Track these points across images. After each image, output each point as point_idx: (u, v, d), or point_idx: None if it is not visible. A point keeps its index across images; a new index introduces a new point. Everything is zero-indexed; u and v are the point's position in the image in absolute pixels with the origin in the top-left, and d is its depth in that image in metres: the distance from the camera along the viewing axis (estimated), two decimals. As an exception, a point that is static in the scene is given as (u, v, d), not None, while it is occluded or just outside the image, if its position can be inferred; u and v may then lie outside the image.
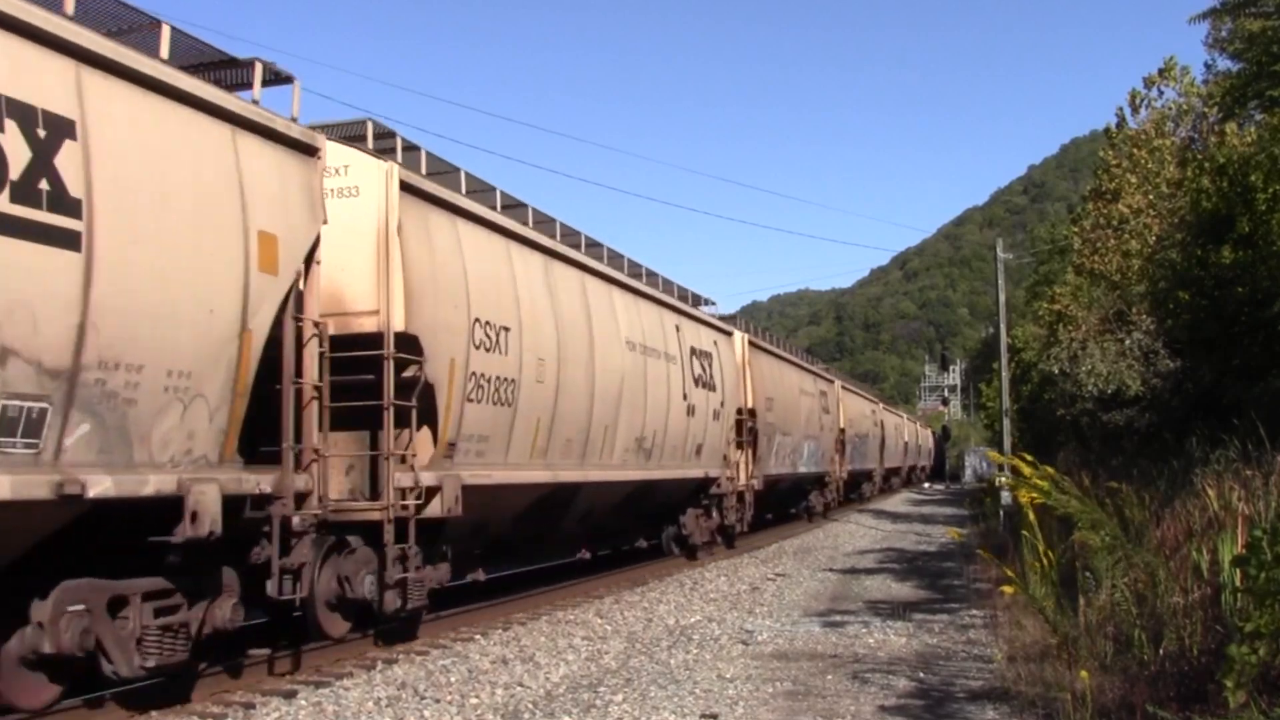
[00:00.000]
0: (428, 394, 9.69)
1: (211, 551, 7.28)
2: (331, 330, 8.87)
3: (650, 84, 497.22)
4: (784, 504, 28.11)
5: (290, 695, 7.88)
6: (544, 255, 12.51)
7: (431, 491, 9.72)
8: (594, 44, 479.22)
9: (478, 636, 10.59)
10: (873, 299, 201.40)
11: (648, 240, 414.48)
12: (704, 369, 17.95)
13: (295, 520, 7.91)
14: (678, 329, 16.89)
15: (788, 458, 24.95)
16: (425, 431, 9.84)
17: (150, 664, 6.93)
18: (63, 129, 6.07)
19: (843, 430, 33.43)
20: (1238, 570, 5.94)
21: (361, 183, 9.58)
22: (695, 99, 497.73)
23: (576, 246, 14.03)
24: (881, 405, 49.62)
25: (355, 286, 9.45)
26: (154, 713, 7.35)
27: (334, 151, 9.36)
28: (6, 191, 5.69)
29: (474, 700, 7.74)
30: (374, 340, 9.35)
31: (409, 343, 9.47)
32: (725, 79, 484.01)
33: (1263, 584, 5.05)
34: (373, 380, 9.29)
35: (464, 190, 11.28)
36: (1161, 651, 6.78)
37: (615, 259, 15.48)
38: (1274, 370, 15.16)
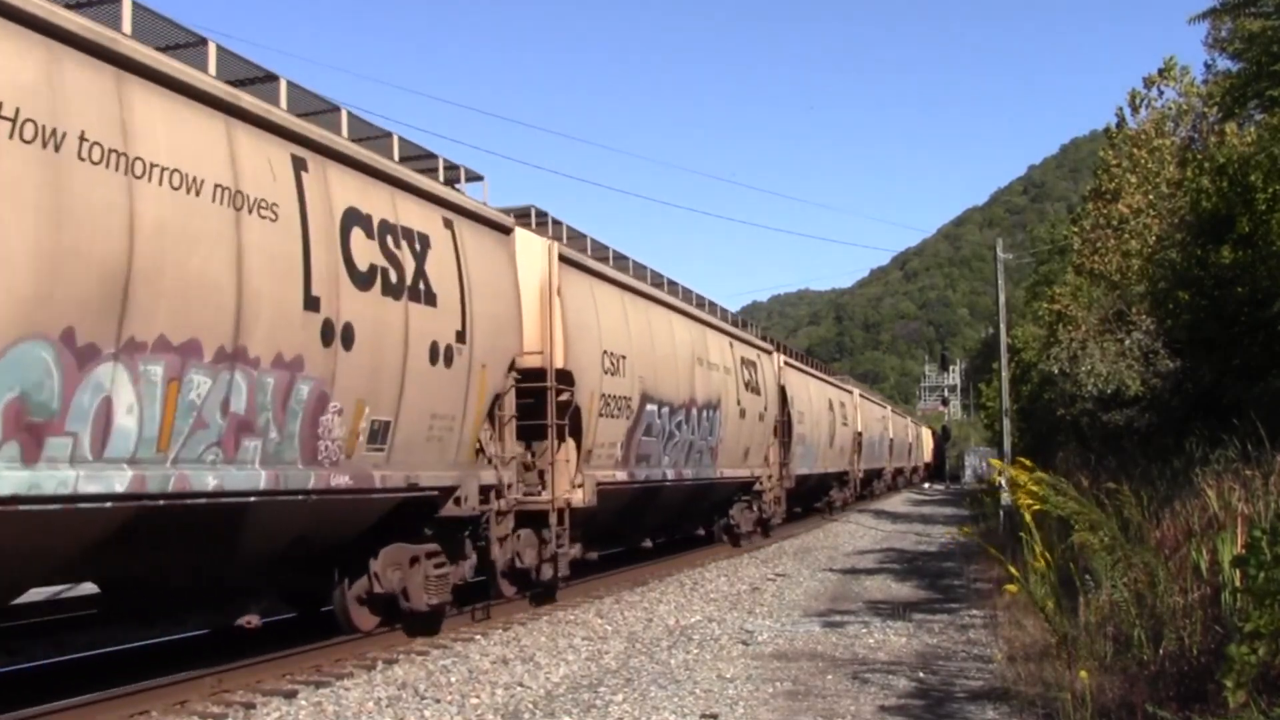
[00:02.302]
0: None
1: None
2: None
3: (650, 84, 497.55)
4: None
5: (290, 695, 7.89)
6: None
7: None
8: (594, 43, 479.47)
9: (478, 636, 10.60)
10: (873, 299, 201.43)
11: (648, 240, 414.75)
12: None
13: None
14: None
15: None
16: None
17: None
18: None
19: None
20: (1237, 570, 5.94)
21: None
22: (695, 99, 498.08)
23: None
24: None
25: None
26: (154, 713, 7.36)
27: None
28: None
29: (474, 700, 7.75)
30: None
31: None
32: (725, 79, 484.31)
33: (1262, 584, 5.05)
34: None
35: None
36: (1161, 651, 6.78)
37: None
38: (1274, 370, 15.15)
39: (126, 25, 7.05)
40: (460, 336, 9.99)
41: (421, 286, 9.35)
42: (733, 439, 19.33)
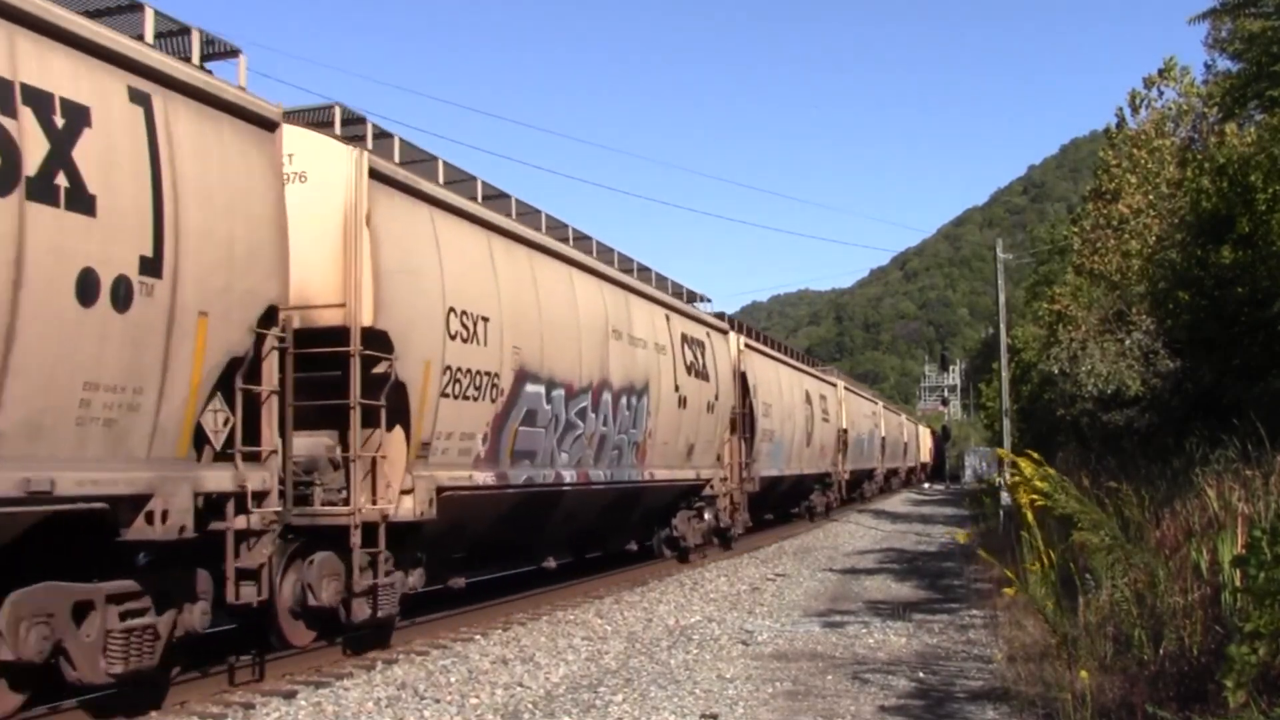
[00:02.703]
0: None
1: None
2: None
3: (650, 84, 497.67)
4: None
5: (290, 695, 7.88)
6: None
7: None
8: (594, 43, 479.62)
9: (478, 636, 10.59)
10: (873, 299, 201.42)
11: (648, 240, 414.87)
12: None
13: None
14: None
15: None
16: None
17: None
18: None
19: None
20: (1237, 570, 5.94)
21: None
22: (695, 99, 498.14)
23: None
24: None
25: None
26: (154, 713, 7.36)
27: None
28: None
29: (474, 700, 7.74)
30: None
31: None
32: (725, 79, 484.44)
33: (1262, 584, 5.05)
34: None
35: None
36: (1161, 651, 6.78)
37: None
38: (1274, 370, 15.15)
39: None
40: (150, 266, 6.68)
41: (62, 182, 6.11)
42: (669, 433, 16.04)
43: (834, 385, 33.32)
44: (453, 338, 10.09)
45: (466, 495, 10.47)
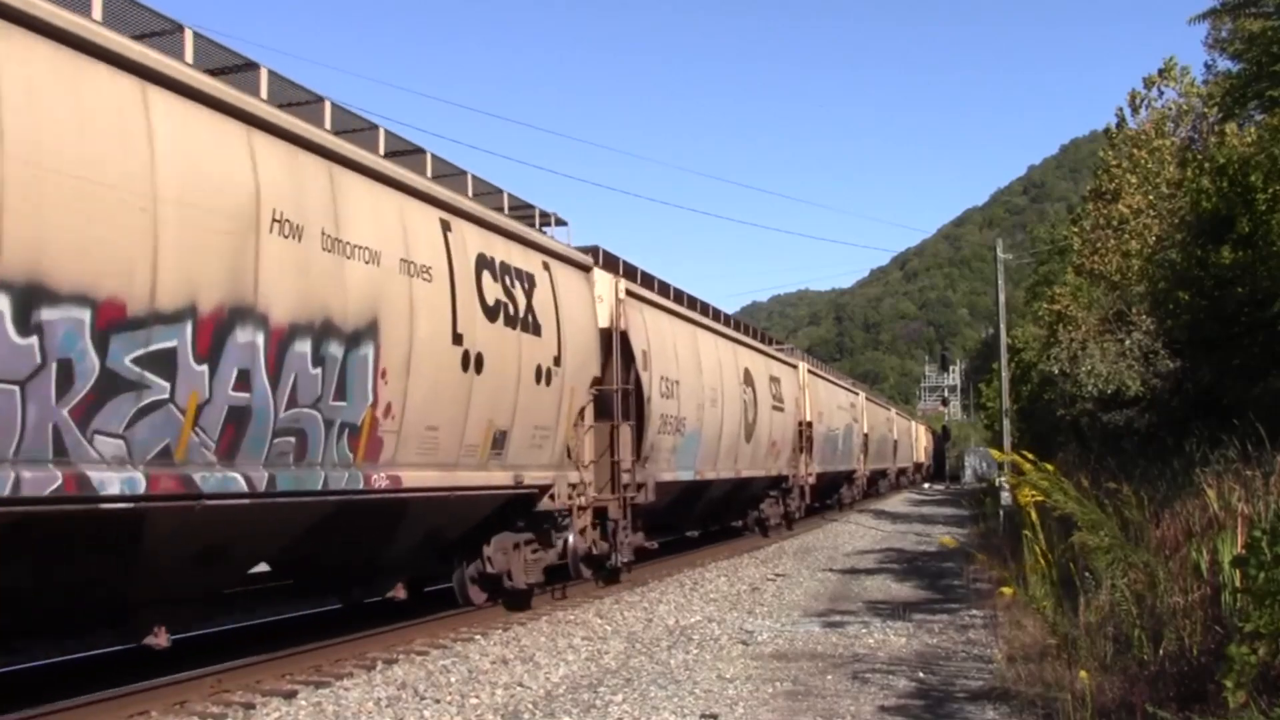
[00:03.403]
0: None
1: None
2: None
3: (650, 83, 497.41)
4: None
5: (290, 695, 7.88)
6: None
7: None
8: (593, 43, 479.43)
9: (478, 637, 10.59)
10: (873, 299, 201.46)
11: (648, 240, 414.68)
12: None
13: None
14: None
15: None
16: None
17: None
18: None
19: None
20: (1237, 570, 5.93)
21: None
22: (695, 99, 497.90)
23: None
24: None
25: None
26: (154, 713, 7.36)
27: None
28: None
29: (474, 700, 7.74)
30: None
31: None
32: (725, 79, 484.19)
33: (1262, 584, 5.05)
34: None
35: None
36: (1161, 651, 6.77)
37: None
38: (1274, 370, 15.13)
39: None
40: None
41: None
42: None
43: (793, 367, 26.68)
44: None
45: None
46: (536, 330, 11.54)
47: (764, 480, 23.20)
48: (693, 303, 19.39)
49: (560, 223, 13.83)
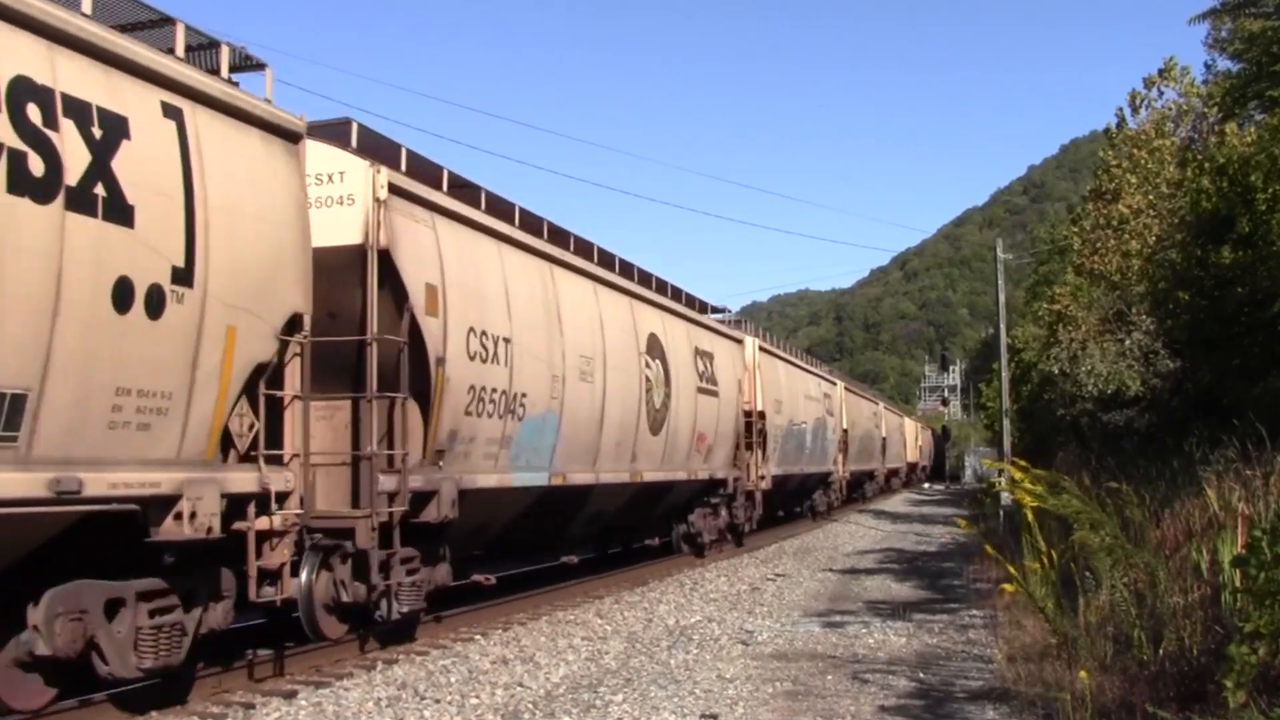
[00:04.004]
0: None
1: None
2: None
3: (650, 83, 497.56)
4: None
5: (290, 695, 7.88)
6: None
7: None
8: (593, 43, 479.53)
9: (478, 637, 10.59)
10: (873, 299, 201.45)
11: (648, 240, 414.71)
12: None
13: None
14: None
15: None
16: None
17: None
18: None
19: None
20: (1237, 570, 5.94)
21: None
22: (695, 98, 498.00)
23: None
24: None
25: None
26: (154, 713, 7.36)
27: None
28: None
29: (474, 700, 7.74)
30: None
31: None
32: (725, 79, 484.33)
33: (1263, 584, 5.05)
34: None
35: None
36: (1161, 651, 6.78)
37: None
38: (1274, 370, 15.14)
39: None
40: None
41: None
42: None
43: (737, 341, 27.78)
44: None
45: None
46: (113, 213, 6.36)
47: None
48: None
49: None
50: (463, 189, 11.26)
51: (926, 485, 66.39)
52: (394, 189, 9.53)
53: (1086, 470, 14.07)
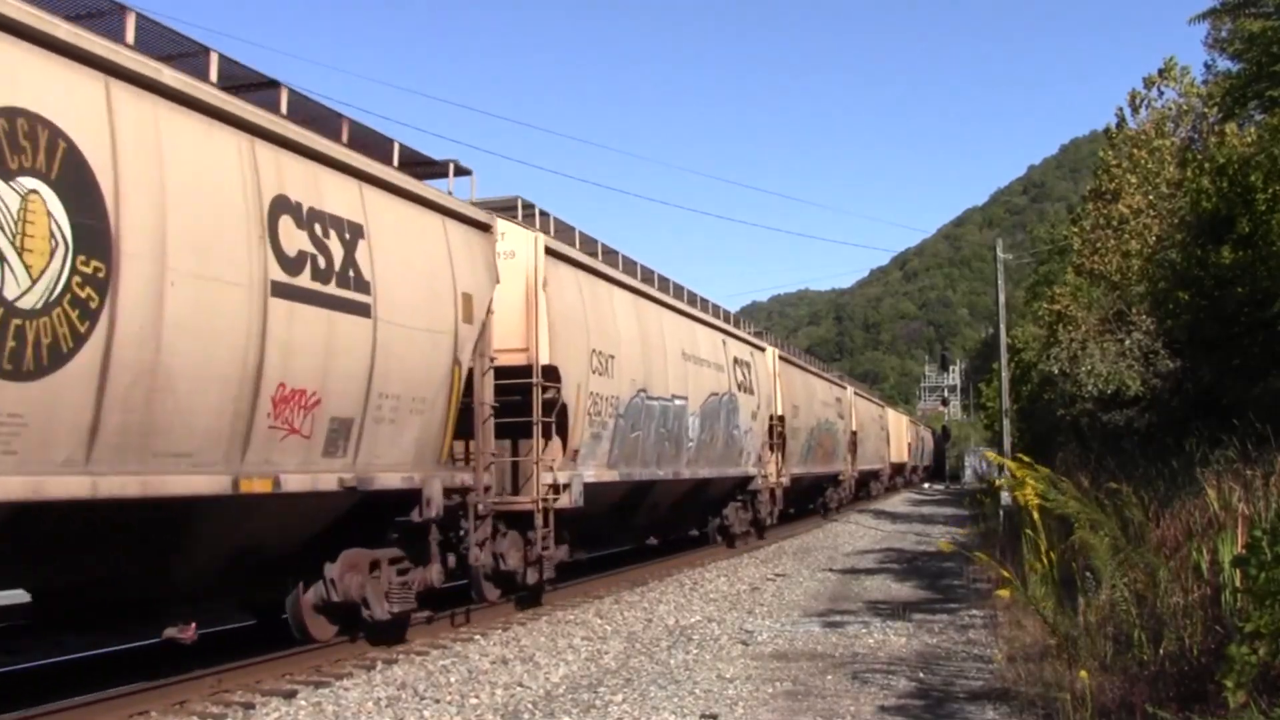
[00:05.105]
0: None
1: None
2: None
3: (650, 84, 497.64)
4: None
5: (290, 695, 7.88)
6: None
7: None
8: (594, 44, 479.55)
9: (478, 637, 10.60)
10: (873, 299, 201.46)
11: (648, 240, 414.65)
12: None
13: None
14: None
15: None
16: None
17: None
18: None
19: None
20: (1238, 570, 5.93)
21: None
22: (695, 99, 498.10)
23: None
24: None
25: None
26: (154, 713, 7.36)
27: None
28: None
29: (474, 700, 7.74)
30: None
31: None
32: (725, 79, 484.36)
33: (1263, 584, 5.05)
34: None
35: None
36: (1161, 651, 6.78)
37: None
38: (1274, 370, 15.15)
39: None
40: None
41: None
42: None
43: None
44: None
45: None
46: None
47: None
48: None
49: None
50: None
51: (926, 485, 66.39)
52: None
53: (1086, 470, 14.07)
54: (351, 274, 8.40)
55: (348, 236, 8.44)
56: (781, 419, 23.18)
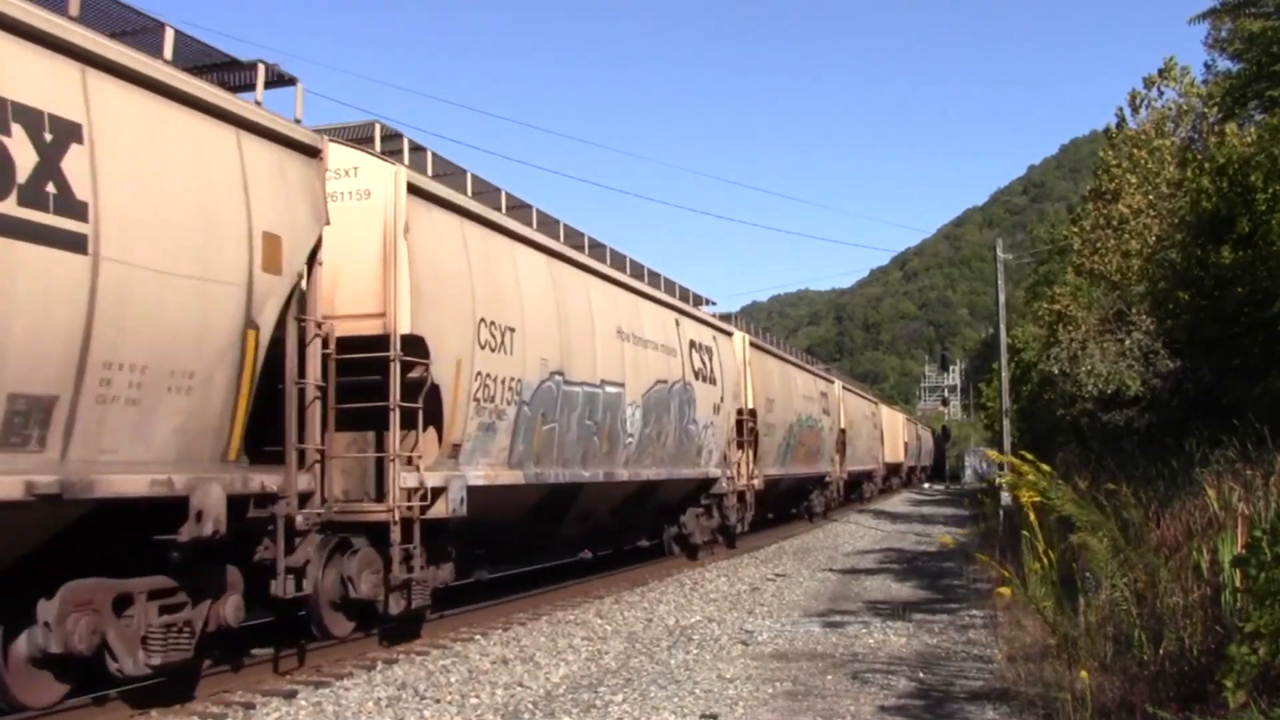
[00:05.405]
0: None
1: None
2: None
3: (650, 84, 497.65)
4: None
5: (290, 695, 7.88)
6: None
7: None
8: (594, 44, 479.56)
9: (478, 636, 10.59)
10: (873, 299, 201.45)
11: (648, 240, 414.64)
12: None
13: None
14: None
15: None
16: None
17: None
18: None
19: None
20: (1238, 570, 5.94)
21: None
22: (695, 99, 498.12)
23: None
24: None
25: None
26: (154, 711, 7.36)
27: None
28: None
29: (474, 700, 7.75)
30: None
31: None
32: (725, 79, 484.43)
33: (1263, 584, 5.05)
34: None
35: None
36: (1161, 651, 6.78)
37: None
38: (1274, 370, 15.16)
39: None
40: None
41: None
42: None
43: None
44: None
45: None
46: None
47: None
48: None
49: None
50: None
51: (926, 485, 66.41)
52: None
53: (1086, 470, 14.08)
54: (51, 190, 5.90)
55: (48, 137, 5.95)
56: (753, 413, 20.64)
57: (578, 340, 12.75)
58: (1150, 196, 25.09)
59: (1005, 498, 21.45)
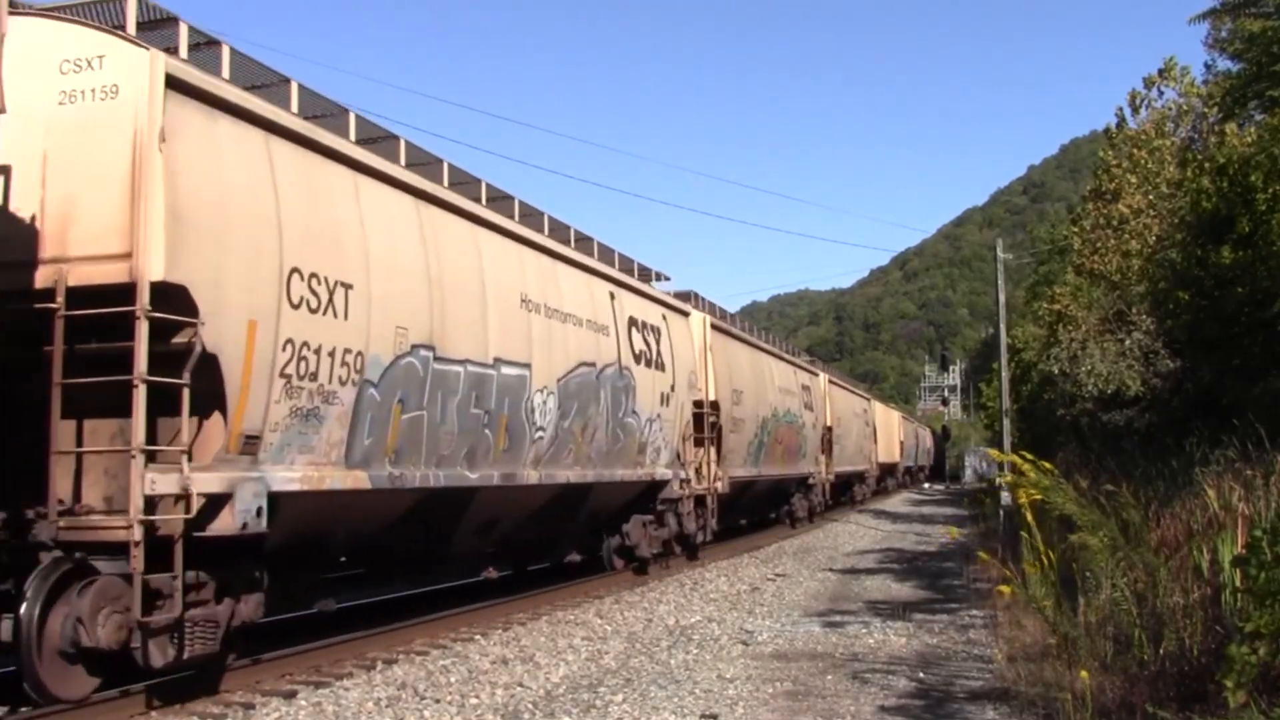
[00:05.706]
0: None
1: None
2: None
3: (650, 84, 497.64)
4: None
5: (290, 695, 7.88)
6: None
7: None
8: (594, 44, 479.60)
9: (478, 636, 10.59)
10: (873, 299, 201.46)
11: (648, 240, 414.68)
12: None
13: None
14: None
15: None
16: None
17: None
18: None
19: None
20: (1238, 570, 5.94)
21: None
22: (695, 99, 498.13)
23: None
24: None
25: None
26: (154, 713, 7.35)
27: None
28: None
29: (474, 700, 7.74)
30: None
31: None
32: (725, 79, 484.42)
33: (1263, 584, 5.05)
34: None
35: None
36: (1161, 651, 6.78)
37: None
38: (1274, 370, 15.16)
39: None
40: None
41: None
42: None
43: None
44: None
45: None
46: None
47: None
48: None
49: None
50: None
51: (926, 485, 66.44)
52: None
53: (1086, 470, 14.08)
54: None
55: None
56: (715, 406, 17.86)
57: (459, 307, 10.02)
58: (1150, 196, 25.09)
59: (1005, 497, 21.45)
